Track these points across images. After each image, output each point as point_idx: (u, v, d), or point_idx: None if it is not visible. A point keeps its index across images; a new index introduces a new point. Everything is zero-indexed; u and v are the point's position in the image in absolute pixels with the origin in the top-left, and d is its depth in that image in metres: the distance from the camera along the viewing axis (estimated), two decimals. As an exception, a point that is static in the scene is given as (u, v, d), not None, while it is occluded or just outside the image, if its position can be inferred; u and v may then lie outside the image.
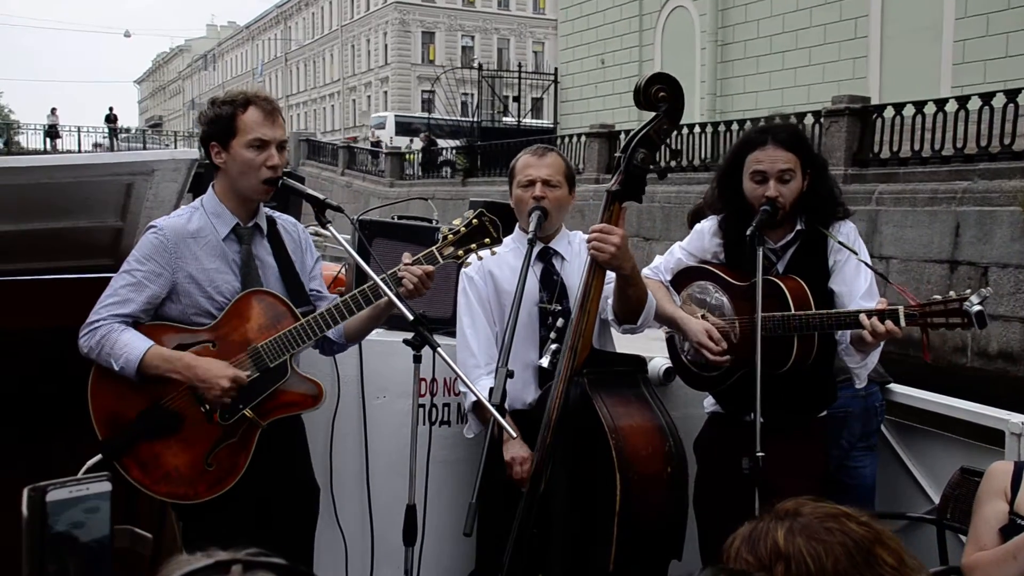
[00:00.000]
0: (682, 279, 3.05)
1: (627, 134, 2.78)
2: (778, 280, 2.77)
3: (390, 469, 3.28)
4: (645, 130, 2.69)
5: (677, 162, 15.09)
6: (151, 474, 2.60)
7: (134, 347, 2.55)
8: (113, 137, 40.20)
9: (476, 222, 2.73)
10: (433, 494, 3.30)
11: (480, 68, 27.88)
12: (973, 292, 2.46)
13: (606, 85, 24.07)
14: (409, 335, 2.56)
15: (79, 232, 3.24)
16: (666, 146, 2.82)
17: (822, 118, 12.41)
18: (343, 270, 4.31)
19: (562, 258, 3.11)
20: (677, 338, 3.07)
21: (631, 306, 2.80)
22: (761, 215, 2.72)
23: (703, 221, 3.10)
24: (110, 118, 40.63)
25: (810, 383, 2.89)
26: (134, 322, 2.62)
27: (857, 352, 2.75)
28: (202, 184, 3.38)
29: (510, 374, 2.54)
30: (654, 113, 2.68)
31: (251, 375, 2.60)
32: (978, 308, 2.43)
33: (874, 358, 2.80)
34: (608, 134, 17.04)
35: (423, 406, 3.39)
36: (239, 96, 2.67)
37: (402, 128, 29.44)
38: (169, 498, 2.64)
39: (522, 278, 2.69)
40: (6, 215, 2.92)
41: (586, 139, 17.90)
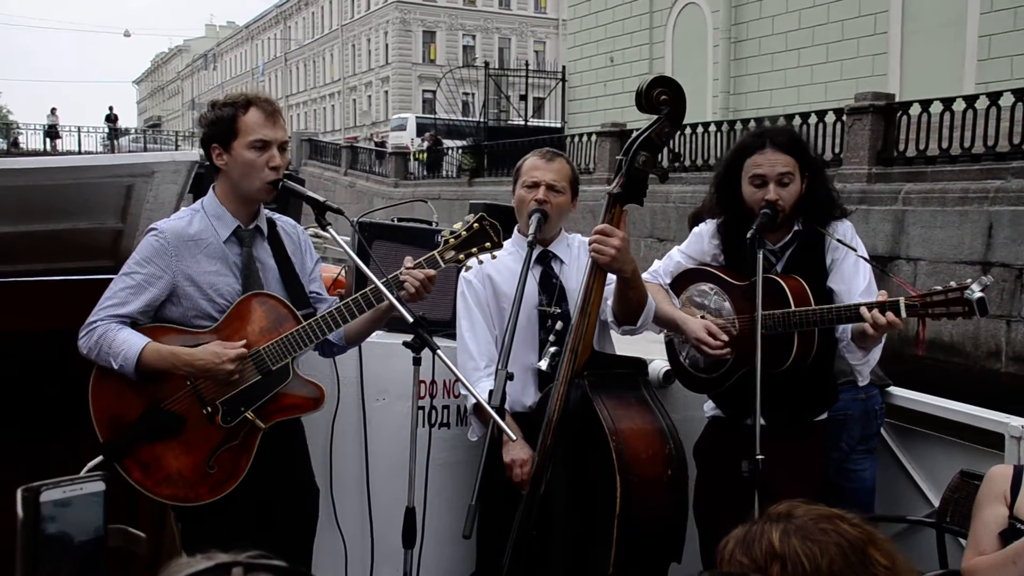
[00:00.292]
0: (682, 281, 3.10)
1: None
2: (778, 278, 2.82)
3: (390, 471, 3.31)
4: (647, 133, 2.75)
5: (692, 162, 15.09)
6: (152, 476, 2.66)
7: (131, 344, 2.60)
8: (113, 138, 40.25)
9: (477, 226, 2.77)
10: (433, 496, 3.34)
11: (487, 66, 27.93)
12: (974, 281, 2.48)
13: (615, 83, 23.96)
14: (409, 337, 2.60)
15: (79, 234, 3.30)
16: (668, 149, 2.89)
17: (844, 116, 12.30)
18: (343, 272, 4.38)
19: (561, 261, 3.16)
20: (676, 341, 3.12)
21: (631, 308, 2.86)
22: (761, 218, 2.77)
23: (701, 224, 3.15)
24: (111, 118, 40.69)
25: (810, 384, 2.93)
26: (132, 323, 2.68)
27: (858, 348, 2.78)
28: (202, 185, 3.45)
29: (510, 376, 2.59)
30: (656, 116, 2.75)
31: (247, 384, 2.66)
32: (979, 295, 2.45)
33: (875, 355, 2.83)
34: (620, 133, 16.91)
35: (423, 408, 3.43)
36: (240, 98, 2.72)
37: (423, 129, 29.55)
38: (171, 500, 2.70)
39: (522, 280, 2.74)
40: (6, 216, 2.98)
41: (597, 138, 17.87)
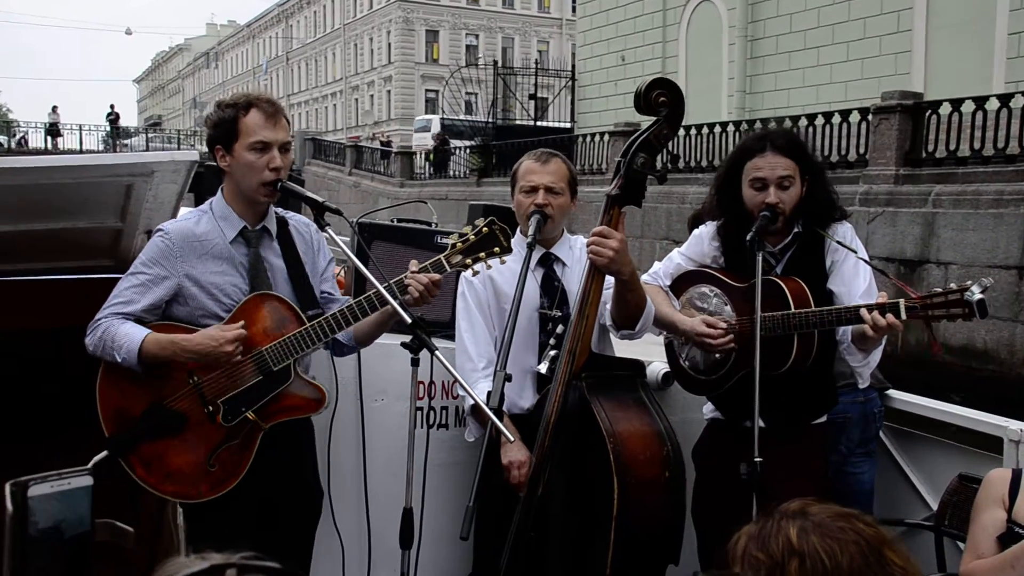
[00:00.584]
0: (682, 283, 3.17)
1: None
2: (778, 280, 2.89)
3: (388, 472, 3.37)
4: (645, 135, 2.85)
5: (709, 162, 15.08)
6: (155, 473, 2.76)
7: (132, 337, 2.71)
8: (115, 137, 40.48)
9: (486, 230, 2.80)
10: (431, 497, 3.39)
11: (496, 65, 28.03)
12: (974, 282, 2.55)
13: (627, 83, 23.91)
14: (407, 338, 2.65)
15: (78, 233, 3.38)
16: (666, 150, 2.97)
17: (870, 115, 12.24)
18: (342, 272, 4.48)
19: (563, 264, 3.22)
20: (675, 343, 3.19)
21: (629, 311, 2.93)
22: (760, 220, 2.85)
23: (701, 226, 3.22)
24: (112, 117, 40.94)
25: (810, 386, 3.00)
26: (138, 321, 2.78)
27: (859, 350, 2.85)
28: (202, 185, 3.55)
29: (508, 377, 2.66)
30: (654, 118, 2.85)
31: (249, 384, 2.74)
32: (979, 296, 2.52)
33: (876, 357, 2.90)
34: (632, 133, 16.86)
35: (421, 409, 3.50)
36: (241, 99, 2.81)
37: (447, 131, 29.81)
38: (175, 497, 2.79)
39: (521, 280, 2.82)
40: (6, 215, 3.07)
41: (609, 138, 17.96)
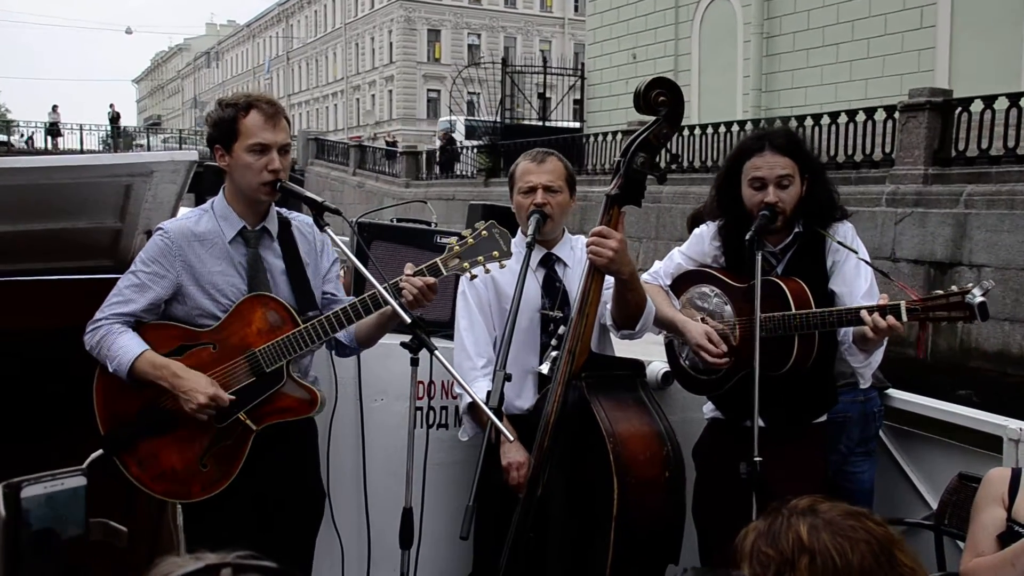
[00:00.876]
0: (682, 282, 3.25)
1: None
2: (779, 280, 2.96)
3: (387, 471, 3.44)
4: (645, 134, 2.92)
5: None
6: (148, 471, 2.86)
7: (127, 351, 2.81)
8: (116, 137, 40.73)
9: (486, 233, 2.83)
10: (430, 497, 3.48)
11: (505, 64, 28.10)
12: (975, 285, 2.61)
13: (638, 82, 23.92)
14: (407, 338, 2.69)
15: (78, 233, 3.48)
16: (666, 150, 3.05)
17: (897, 113, 12.18)
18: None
19: (564, 264, 3.29)
20: (676, 342, 3.26)
21: (629, 311, 3.00)
22: (760, 220, 2.92)
23: (702, 226, 3.29)
24: (113, 117, 41.22)
25: (810, 386, 3.07)
26: (136, 321, 2.88)
27: (860, 351, 2.91)
28: (202, 184, 3.65)
29: (508, 377, 2.73)
30: (653, 117, 2.92)
31: (241, 386, 2.82)
32: (980, 299, 2.58)
33: (878, 357, 2.97)
34: (645, 131, 17.05)
35: (420, 409, 3.58)
36: (241, 99, 2.89)
37: (470, 132, 30.09)
38: (167, 496, 2.89)
39: (521, 279, 2.89)
40: (5, 215, 3.16)
41: (621, 137, 17.99)
